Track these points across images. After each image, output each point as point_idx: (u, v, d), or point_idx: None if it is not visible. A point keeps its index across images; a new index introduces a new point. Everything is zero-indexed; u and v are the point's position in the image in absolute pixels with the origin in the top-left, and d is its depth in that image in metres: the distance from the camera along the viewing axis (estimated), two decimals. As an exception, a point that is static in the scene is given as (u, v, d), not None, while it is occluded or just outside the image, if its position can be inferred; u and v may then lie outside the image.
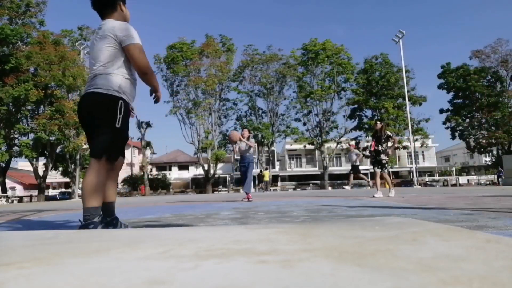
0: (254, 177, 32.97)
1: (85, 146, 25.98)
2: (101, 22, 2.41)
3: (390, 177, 8.15)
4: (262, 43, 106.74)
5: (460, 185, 32.58)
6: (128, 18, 2.52)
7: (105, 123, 2.23)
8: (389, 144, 7.33)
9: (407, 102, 30.22)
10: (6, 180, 27.37)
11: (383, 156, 7.27)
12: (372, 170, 7.50)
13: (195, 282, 0.64)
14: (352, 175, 14.60)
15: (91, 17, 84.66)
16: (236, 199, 9.33)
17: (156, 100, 2.61)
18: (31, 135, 25.08)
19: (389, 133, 7.40)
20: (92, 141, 2.30)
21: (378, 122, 7.57)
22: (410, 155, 34.16)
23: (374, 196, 7.05)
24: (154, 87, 2.53)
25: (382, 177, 7.45)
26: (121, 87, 2.28)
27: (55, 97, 24.35)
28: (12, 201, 22.59)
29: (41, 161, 27.16)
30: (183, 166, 47.55)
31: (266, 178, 31.35)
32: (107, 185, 2.34)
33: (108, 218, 2.46)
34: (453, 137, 36.95)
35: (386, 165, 7.40)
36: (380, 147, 7.29)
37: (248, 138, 7.91)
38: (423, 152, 44.77)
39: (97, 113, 2.24)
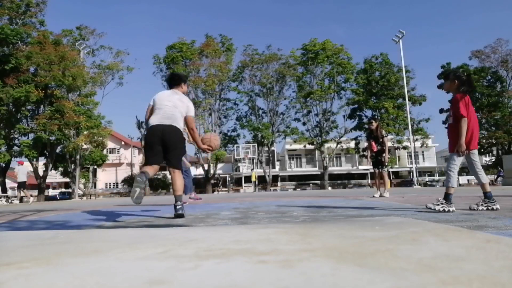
0: (248, 177, 33.04)
1: (84, 146, 26.00)
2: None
3: (390, 177, 8.11)
4: (261, 43, 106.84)
5: (460, 185, 32.58)
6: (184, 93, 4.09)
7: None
8: (385, 141, 7.26)
9: (407, 102, 30.23)
10: (6, 180, 27.37)
11: (384, 155, 7.21)
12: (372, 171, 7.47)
13: (195, 282, 0.64)
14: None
15: (91, 17, 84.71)
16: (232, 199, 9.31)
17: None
18: (31, 135, 25.07)
19: (383, 133, 7.31)
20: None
21: (373, 122, 7.47)
22: (410, 155, 34.16)
23: (374, 196, 7.00)
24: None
25: (381, 177, 7.40)
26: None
27: (55, 97, 24.33)
28: (12, 201, 22.60)
29: (41, 161, 27.15)
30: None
31: (253, 178, 31.41)
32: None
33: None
34: (453, 137, 36.89)
35: (386, 163, 7.36)
36: (380, 147, 7.23)
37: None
38: (423, 152, 44.77)
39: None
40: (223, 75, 33.07)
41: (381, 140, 7.23)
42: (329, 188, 35.35)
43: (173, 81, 4.04)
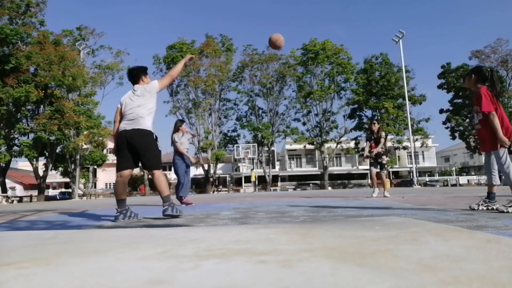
0: (248, 177, 33.01)
1: (84, 146, 25.99)
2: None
3: (390, 177, 8.05)
4: (261, 43, 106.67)
5: (460, 185, 32.59)
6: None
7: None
8: (382, 141, 7.20)
9: (407, 102, 30.23)
10: (6, 180, 27.35)
11: (384, 158, 7.15)
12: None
13: (195, 282, 0.64)
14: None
15: (91, 17, 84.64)
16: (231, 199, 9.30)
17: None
18: (31, 135, 25.07)
19: (383, 135, 7.22)
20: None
21: (375, 122, 7.38)
22: (410, 155, 34.17)
23: (372, 196, 6.97)
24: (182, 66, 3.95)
25: (379, 177, 7.32)
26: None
27: (55, 97, 24.33)
28: (12, 201, 22.59)
29: (41, 161, 27.15)
30: (183, 166, 47.46)
31: (253, 178, 31.43)
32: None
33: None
34: (453, 137, 36.94)
35: (386, 165, 7.30)
36: (381, 149, 7.16)
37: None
38: (423, 152, 44.77)
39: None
40: (223, 75, 33.07)
41: (382, 141, 7.16)
42: (329, 188, 35.34)
43: (132, 77, 3.87)
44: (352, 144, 37.36)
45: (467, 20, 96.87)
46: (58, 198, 32.16)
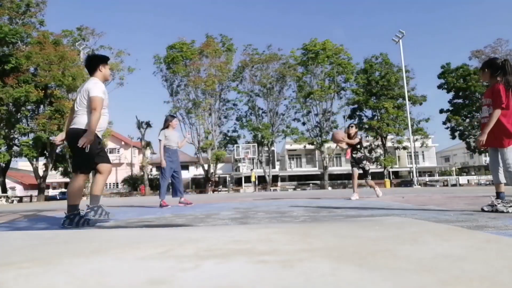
0: (248, 177, 33.02)
1: (85, 146, 25.98)
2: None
3: (390, 177, 7.89)
4: (261, 43, 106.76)
5: (460, 185, 32.59)
6: (106, 76, 3.57)
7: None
8: (364, 151, 7.03)
9: (407, 102, 30.24)
10: (6, 180, 27.36)
11: (366, 163, 6.89)
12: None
13: (195, 282, 0.64)
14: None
15: (91, 17, 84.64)
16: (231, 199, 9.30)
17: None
18: (31, 135, 25.07)
19: (359, 138, 7.00)
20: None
21: (354, 126, 7.12)
22: (410, 155, 34.17)
23: (350, 199, 6.59)
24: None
25: (369, 185, 7.08)
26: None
27: (55, 97, 24.34)
28: (12, 201, 22.59)
29: (41, 161, 27.16)
30: (183, 166, 47.10)
31: (253, 178, 31.44)
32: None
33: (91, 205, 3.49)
34: (453, 137, 36.95)
35: (370, 172, 7.01)
36: (359, 154, 6.93)
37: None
38: (423, 152, 44.76)
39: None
40: (223, 75, 33.07)
41: (358, 146, 6.94)
42: (329, 188, 35.35)
43: (89, 67, 3.48)
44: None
45: (467, 20, 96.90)
46: (58, 198, 32.15)
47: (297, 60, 35.92)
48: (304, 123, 36.38)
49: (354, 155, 6.97)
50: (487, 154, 36.54)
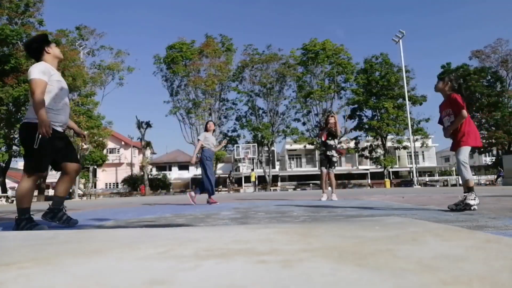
0: (248, 177, 33.03)
1: (85, 146, 25.99)
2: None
3: (390, 177, 7.78)
4: (261, 43, 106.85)
5: (460, 185, 32.53)
6: (57, 55, 3.16)
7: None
8: (336, 141, 6.77)
9: (407, 102, 30.23)
10: (6, 180, 27.35)
11: (334, 152, 6.66)
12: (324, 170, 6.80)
13: (195, 282, 0.64)
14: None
15: (91, 17, 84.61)
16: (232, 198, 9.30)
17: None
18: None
19: (339, 131, 6.83)
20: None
21: (333, 115, 6.89)
22: (410, 155, 34.18)
23: (320, 199, 6.50)
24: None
25: (328, 177, 6.83)
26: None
27: (55, 97, 24.32)
28: (12, 201, 22.58)
29: (41, 161, 27.12)
30: (183, 166, 47.55)
31: (253, 178, 31.43)
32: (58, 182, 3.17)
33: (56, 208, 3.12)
34: (453, 137, 36.88)
35: (336, 164, 6.79)
36: (333, 142, 6.67)
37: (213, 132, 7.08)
38: (423, 152, 44.77)
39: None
40: (223, 75, 33.06)
41: (334, 134, 6.70)
42: (329, 188, 35.30)
43: (33, 54, 3.07)
44: (352, 144, 37.36)
45: (467, 20, 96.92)
46: (58, 198, 32.10)
47: (297, 60, 35.91)
48: (304, 123, 36.40)
49: (328, 141, 6.70)
50: (487, 154, 36.48)
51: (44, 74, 2.84)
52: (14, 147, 25.48)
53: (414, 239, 1.00)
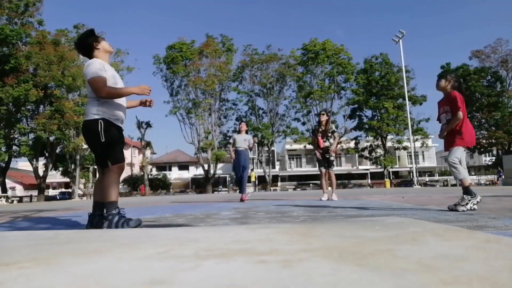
0: (248, 177, 33.01)
1: (85, 146, 25.99)
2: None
3: (390, 177, 7.73)
4: (261, 43, 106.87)
5: (460, 185, 32.50)
6: (107, 49, 3.05)
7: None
8: (331, 141, 6.62)
9: (407, 102, 30.24)
10: (6, 180, 27.36)
11: (332, 154, 6.58)
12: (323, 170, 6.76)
13: (195, 282, 0.64)
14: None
15: (89, 17, 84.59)
16: (235, 199, 9.31)
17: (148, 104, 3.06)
18: (31, 135, 25.07)
19: (334, 128, 6.71)
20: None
21: (324, 113, 6.75)
22: (410, 155, 34.17)
23: (321, 199, 6.47)
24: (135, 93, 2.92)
25: (329, 177, 6.75)
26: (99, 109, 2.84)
27: (55, 97, 24.33)
28: (12, 201, 22.59)
29: (41, 161, 27.15)
30: (183, 166, 47.56)
31: (253, 178, 31.47)
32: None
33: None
34: (453, 137, 36.89)
35: (334, 163, 6.72)
36: (328, 143, 6.58)
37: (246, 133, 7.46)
38: (423, 152, 44.76)
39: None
40: (223, 75, 33.05)
41: (329, 135, 6.59)
42: (329, 188, 35.31)
43: (83, 51, 3.00)
44: (352, 144, 37.37)
45: (467, 20, 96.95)
46: (58, 198, 32.17)
47: (297, 60, 35.91)
48: (304, 123, 36.40)
49: (324, 143, 6.63)
50: (487, 154, 36.40)
51: (100, 70, 2.79)
52: (14, 147, 25.49)
53: (414, 239, 1.00)
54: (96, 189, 2.92)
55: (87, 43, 2.95)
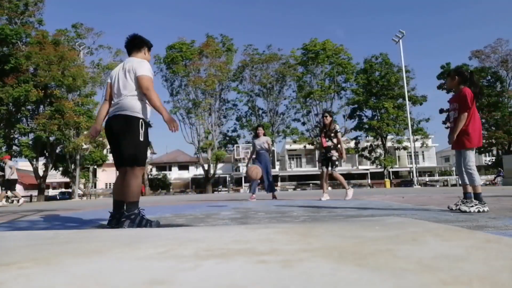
0: (243, 178, 33.08)
1: (85, 146, 25.97)
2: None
3: (390, 177, 7.72)
4: (261, 43, 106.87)
5: (460, 185, 32.52)
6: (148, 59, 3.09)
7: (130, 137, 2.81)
8: (335, 141, 6.66)
9: (407, 102, 30.23)
10: (6, 180, 27.30)
11: (334, 153, 6.60)
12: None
13: (195, 282, 0.64)
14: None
15: (89, 17, 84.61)
16: (238, 198, 9.31)
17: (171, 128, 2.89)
18: (31, 135, 25.07)
19: (337, 128, 6.76)
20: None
21: (327, 115, 6.84)
22: (410, 155, 34.16)
23: (320, 199, 6.48)
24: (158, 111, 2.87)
25: (332, 177, 6.74)
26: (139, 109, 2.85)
27: (55, 97, 24.32)
28: (12, 201, 22.59)
29: (41, 161, 27.15)
30: (183, 166, 47.56)
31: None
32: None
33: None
34: (453, 137, 36.89)
35: (337, 162, 6.70)
36: (330, 143, 6.63)
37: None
38: (423, 152, 44.76)
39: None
40: (223, 75, 33.05)
41: (332, 135, 6.63)
42: (329, 188, 35.34)
43: (132, 45, 3.05)
44: (352, 144, 37.37)
45: (467, 20, 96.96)
46: (58, 198, 32.15)
47: (297, 60, 35.91)
48: (304, 123, 36.41)
49: (327, 144, 6.68)
50: (487, 154, 36.40)
51: (151, 73, 2.90)
52: (14, 147, 25.48)
53: (414, 239, 1.00)
54: (117, 188, 2.94)
55: (142, 45, 3.07)
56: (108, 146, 3.11)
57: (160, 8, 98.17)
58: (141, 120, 2.80)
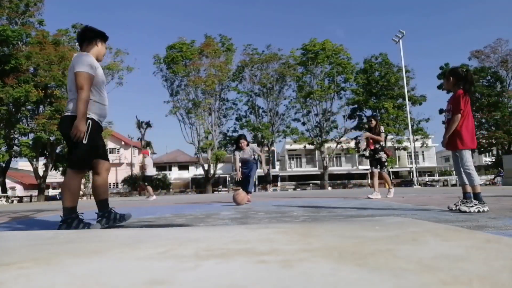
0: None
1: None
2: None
3: (390, 177, 7.85)
4: (261, 43, 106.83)
5: (459, 185, 32.50)
6: (102, 53, 2.99)
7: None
8: (382, 143, 7.01)
9: (407, 102, 30.23)
10: (6, 180, 27.34)
11: (382, 154, 6.90)
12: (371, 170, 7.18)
13: (195, 282, 0.64)
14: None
15: (89, 17, 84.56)
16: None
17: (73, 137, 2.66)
18: (31, 135, 25.07)
19: (382, 130, 7.11)
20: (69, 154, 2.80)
21: (373, 120, 7.22)
22: (410, 155, 34.17)
23: (369, 197, 6.73)
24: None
25: (381, 177, 7.07)
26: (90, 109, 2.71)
27: (55, 97, 24.32)
28: (12, 201, 22.58)
29: (41, 161, 27.15)
30: (183, 166, 47.56)
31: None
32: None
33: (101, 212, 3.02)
34: (453, 137, 36.90)
35: (386, 163, 7.04)
36: (378, 145, 6.94)
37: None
38: (423, 152, 44.76)
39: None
40: (223, 75, 33.04)
41: (382, 136, 7.00)
42: (329, 188, 35.33)
43: (82, 38, 2.87)
44: (352, 144, 37.37)
45: (467, 20, 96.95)
46: (58, 198, 32.12)
47: (297, 60, 35.89)
48: (304, 123, 36.39)
49: (375, 146, 6.97)
50: (487, 154, 36.38)
51: (91, 68, 2.69)
52: (14, 147, 25.48)
53: (414, 239, 1.00)
54: (92, 189, 3.06)
55: (100, 34, 2.93)
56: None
57: (160, 8, 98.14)
58: (89, 121, 2.66)
